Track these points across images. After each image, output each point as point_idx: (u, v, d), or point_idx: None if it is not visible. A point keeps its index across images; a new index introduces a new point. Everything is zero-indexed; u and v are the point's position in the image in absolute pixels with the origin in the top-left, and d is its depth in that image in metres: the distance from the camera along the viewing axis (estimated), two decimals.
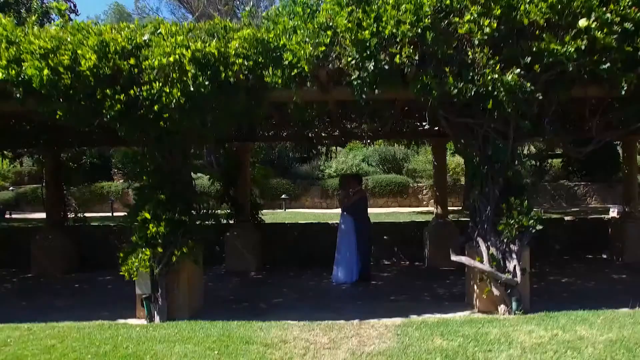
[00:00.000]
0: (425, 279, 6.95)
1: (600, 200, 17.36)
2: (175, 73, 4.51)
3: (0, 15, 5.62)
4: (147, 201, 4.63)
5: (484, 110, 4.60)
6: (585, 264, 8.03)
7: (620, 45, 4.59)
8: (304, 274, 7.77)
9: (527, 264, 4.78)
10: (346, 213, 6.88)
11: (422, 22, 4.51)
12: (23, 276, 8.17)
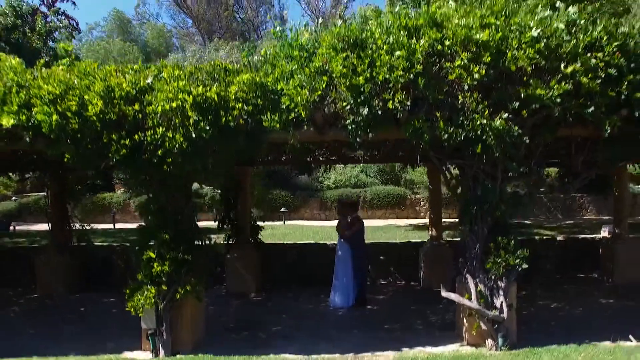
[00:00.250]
0: (419, 303, 7.14)
1: (595, 212, 17.58)
2: (178, 118, 4.71)
3: (10, 57, 5.86)
4: (151, 240, 4.83)
5: (474, 153, 4.81)
6: (576, 286, 8.22)
7: (604, 90, 4.78)
8: (302, 294, 7.96)
9: (513, 299, 4.97)
10: (343, 240, 7.08)
11: (414, 68, 4.70)
12: (29, 297, 8.37)
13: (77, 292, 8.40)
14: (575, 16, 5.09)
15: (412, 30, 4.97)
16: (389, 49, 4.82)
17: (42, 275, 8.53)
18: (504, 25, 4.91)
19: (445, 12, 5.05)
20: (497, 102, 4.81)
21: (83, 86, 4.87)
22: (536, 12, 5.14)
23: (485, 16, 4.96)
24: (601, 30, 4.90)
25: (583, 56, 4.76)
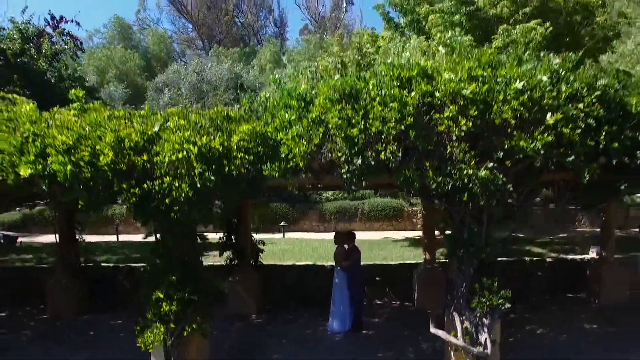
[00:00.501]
0: (412, 328, 7.45)
1: (589, 224, 17.89)
2: (184, 168, 5.01)
3: (24, 101, 6.17)
4: (160, 280, 5.15)
5: (460, 199, 5.12)
6: (564, 307, 8.53)
7: (583, 140, 5.08)
8: (302, 317, 8.30)
9: (497, 335, 5.28)
10: (340, 269, 7.40)
11: (405, 120, 5.00)
12: (39, 317, 8.69)
13: (85, 313, 8.72)
14: (557, 67, 5.43)
15: (404, 81, 5.28)
16: (381, 101, 5.13)
17: (51, 297, 8.84)
18: (491, 77, 5.21)
19: (436, 66, 5.37)
20: (483, 152, 5.12)
21: (95, 136, 5.17)
22: (523, 62, 5.48)
23: (473, 68, 5.28)
24: (582, 82, 5.23)
25: (564, 107, 5.07)
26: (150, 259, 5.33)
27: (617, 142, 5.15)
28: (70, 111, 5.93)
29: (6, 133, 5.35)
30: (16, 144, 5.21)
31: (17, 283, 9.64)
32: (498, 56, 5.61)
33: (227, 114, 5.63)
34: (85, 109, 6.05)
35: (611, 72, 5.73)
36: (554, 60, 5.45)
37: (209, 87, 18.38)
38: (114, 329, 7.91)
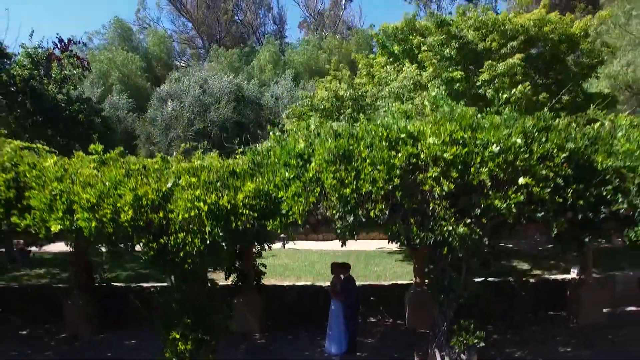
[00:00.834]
0: (402, 349, 8.11)
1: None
2: (196, 225, 5.64)
3: (47, 152, 6.77)
4: (175, 322, 5.80)
5: (442, 251, 5.74)
6: (544, 327, 9.19)
7: (552, 197, 5.69)
8: (302, 335, 8.98)
9: None
10: (336, 298, 8.05)
11: (392, 181, 5.62)
12: (58, 337, 9.36)
13: (100, 331, 9.38)
14: (530, 128, 6.03)
15: (392, 142, 5.89)
16: (371, 161, 5.73)
17: (69, 317, 9.50)
18: (471, 140, 5.81)
19: (421, 128, 5.96)
20: (462, 209, 5.73)
21: (115, 195, 5.79)
22: (500, 125, 6.06)
23: (454, 131, 5.87)
24: (552, 143, 5.83)
25: (536, 167, 5.67)
26: (166, 303, 5.97)
27: (583, 199, 5.77)
28: (91, 164, 6.55)
29: (36, 190, 5.96)
30: (46, 201, 5.82)
31: (34, 302, 10.30)
32: (478, 117, 6.23)
33: (233, 170, 6.23)
34: (104, 161, 6.66)
35: (581, 130, 6.29)
36: (528, 123, 6.05)
37: (211, 100, 18.86)
38: (130, 348, 8.58)
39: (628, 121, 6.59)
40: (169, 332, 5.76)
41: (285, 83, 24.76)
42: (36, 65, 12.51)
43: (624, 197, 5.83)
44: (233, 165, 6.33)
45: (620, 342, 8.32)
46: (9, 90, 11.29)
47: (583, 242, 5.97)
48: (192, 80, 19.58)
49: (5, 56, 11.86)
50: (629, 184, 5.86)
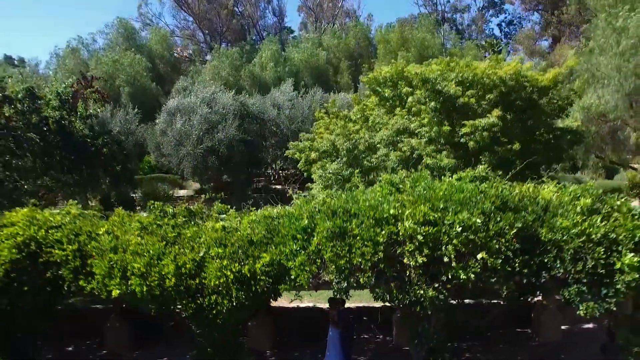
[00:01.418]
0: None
1: None
2: (224, 289, 7.25)
3: (98, 221, 8.33)
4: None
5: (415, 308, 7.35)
6: (510, 345, 10.91)
7: (503, 266, 7.28)
8: (305, 353, 10.69)
9: None
10: (333, 327, 9.71)
11: (377, 254, 7.18)
12: (99, 353, 11.07)
13: (137, 348, 11.09)
14: (489, 208, 7.56)
15: (378, 220, 7.43)
16: (360, 238, 7.30)
17: (108, 337, 11.20)
18: (440, 219, 7.35)
19: (401, 212, 7.49)
20: (432, 276, 7.32)
21: (160, 264, 7.38)
22: (466, 201, 7.59)
23: (427, 213, 7.40)
24: (505, 222, 7.37)
25: (491, 242, 7.24)
26: (202, 345, 7.61)
27: (528, 267, 7.34)
28: (135, 231, 8.11)
29: (97, 260, 7.54)
30: (105, 270, 7.41)
31: (76, 321, 11.97)
32: (449, 194, 7.75)
33: (251, 239, 7.79)
34: (145, 227, 8.22)
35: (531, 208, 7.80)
36: (485, 205, 7.58)
37: (218, 117, 20.22)
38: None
39: (571, 195, 8.10)
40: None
41: (286, 90, 26.04)
42: (63, 102, 13.88)
43: (561, 264, 7.40)
44: (251, 235, 7.87)
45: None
46: (41, 131, 12.74)
47: (527, 299, 7.57)
48: (199, 98, 20.89)
49: (37, 98, 13.23)
50: (564, 253, 7.41)
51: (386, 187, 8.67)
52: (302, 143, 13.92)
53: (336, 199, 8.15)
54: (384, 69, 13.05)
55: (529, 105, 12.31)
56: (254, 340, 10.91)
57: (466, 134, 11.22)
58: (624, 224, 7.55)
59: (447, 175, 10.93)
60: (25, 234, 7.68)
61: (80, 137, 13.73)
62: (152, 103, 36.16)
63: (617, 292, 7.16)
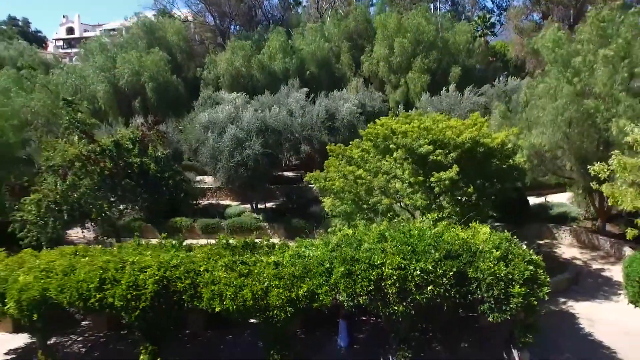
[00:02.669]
0: (380, 344, 15.03)
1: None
2: (281, 307, 12.27)
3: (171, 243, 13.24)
4: (272, 350, 12.65)
5: (392, 321, 12.42)
6: (469, 335, 16.09)
7: (444, 294, 12.30)
8: (327, 333, 15.90)
9: None
10: (341, 321, 14.86)
11: (370, 286, 12.13)
12: (186, 331, 16.29)
13: (208, 330, 16.32)
14: (438, 256, 12.46)
15: (372, 265, 12.35)
16: (361, 278, 12.27)
17: (193, 324, 16.41)
18: (408, 265, 12.26)
19: (383, 261, 12.34)
20: (401, 299, 12.30)
21: (243, 292, 12.33)
22: (426, 249, 12.49)
23: (400, 262, 12.27)
24: (447, 266, 12.30)
25: (437, 279, 12.19)
26: (266, 342, 12.72)
27: (459, 293, 12.31)
28: (221, 269, 13.03)
29: (204, 289, 12.51)
30: (209, 295, 12.39)
31: None
32: (413, 242, 12.59)
33: (294, 275, 12.70)
34: (228, 264, 13.12)
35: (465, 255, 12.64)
36: (436, 255, 12.43)
37: (244, 134, 24.49)
38: (230, 344, 15.54)
39: (491, 245, 12.93)
40: (270, 350, 12.60)
41: (299, 97, 30.07)
42: (134, 143, 18.18)
43: (479, 291, 12.37)
44: (294, 272, 12.76)
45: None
46: (128, 174, 17.18)
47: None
48: (225, 114, 25.13)
49: (122, 147, 17.55)
50: (482, 285, 12.34)
51: (377, 233, 13.50)
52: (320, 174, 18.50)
53: (346, 247, 13.02)
54: (377, 126, 17.50)
55: (485, 157, 16.88)
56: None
57: (435, 182, 15.83)
58: (518, 265, 12.43)
59: (420, 213, 15.77)
60: (159, 274, 12.55)
61: (153, 174, 18.13)
62: (173, 93, 40.16)
63: (511, 309, 12.15)
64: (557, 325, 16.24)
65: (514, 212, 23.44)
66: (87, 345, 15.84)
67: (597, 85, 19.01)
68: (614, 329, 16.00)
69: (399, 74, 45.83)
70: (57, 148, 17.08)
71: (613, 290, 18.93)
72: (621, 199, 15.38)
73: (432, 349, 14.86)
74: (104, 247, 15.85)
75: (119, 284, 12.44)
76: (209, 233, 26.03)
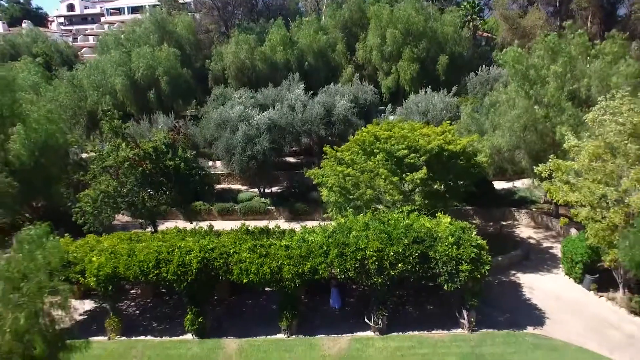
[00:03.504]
0: (366, 306, 19.35)
1: (479, 217, 29.15)
2: (291, 279, 16.46)
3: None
4: (284, 309, 16.96)
5: (373, 286, 16.63)
6: (426, 294, 20.41)
7: (410, 270, 16.51)
8: (324, 298, 20.19)
9: (384, 322, 17.20)
10: (332, 287, 19.08)
11: (357, 264, 16.33)
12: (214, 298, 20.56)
13: (231, 295, 20.58)
14: (407, 242, 16.63)
15: (358, 248, 16.50)
16: (349, 258, 16.45)
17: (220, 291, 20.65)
18: (384, 249, 16.42)
19: (367, 245, 16.49)
20: (380, 272, 16.47)
21: (263, 269, 16.50)
22: (399, 235, 16.66)
23: (378, 247, 16.42)
24: (414, 249, 16.48)
25: (406, 259, 16.38)
26: (280, 301, 16.98)
27: (422, 269, 16.49)
28: (246, 251, 17.20)
29: (234, 267, 16.70)
30: (238, 271, 16.60)
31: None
32: (392, 226, 16.71)
33: (301, 255, 16.86)
34: (251, 248, 17.29)
35: (428, 241, 16.78)
36: (405, 241, 16.54)
37: (254, 131, 28.18)
38: (251, 305, 19.85)
39: (447, 232, 17.03)
40: (283, 311, 16.88)
41: (299, 94, 33.56)
42: (167, 146, 21.85)
43: (437, 267, 16.58)
44: (300, 252, 16.88)
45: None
46: (165, 174, 20.94)
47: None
48: (236, 113, 28.83)
49: (163, 153, 21.18)
50: (439, 263, 16.52)
51: (362, 223, 17.60)
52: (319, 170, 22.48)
53: (341, 235, 17.13)
54: (364, 132, 21.36)
55: (450, 159, 20.81)
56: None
57: (409, 181, 19.79)
58: (467, 249, 16.60)
59: (397, 205, 19.78)
60: (200, 255, 16.64)
61: (183, 172, 21.84)
62: (184, 84, 43.40)
63: (460, 281, 16.42)
64: (505, 292, 20.57)
65: (482, 198, 27.56)
66: (139, 308, 20.11)
67: (546, 96, 22.75)
68: (549, 295, 20.29)
69: (390, 62, 49.20)
70: (106, 151, 20.89)
71: (555, 265, 23.16)
72: (555, 194, 19.41)
73: (405, 309, 19.19)
74: (150, 233, 19.91)
75: (171, 263, 16.56)
76: (223, 215, 30.11)
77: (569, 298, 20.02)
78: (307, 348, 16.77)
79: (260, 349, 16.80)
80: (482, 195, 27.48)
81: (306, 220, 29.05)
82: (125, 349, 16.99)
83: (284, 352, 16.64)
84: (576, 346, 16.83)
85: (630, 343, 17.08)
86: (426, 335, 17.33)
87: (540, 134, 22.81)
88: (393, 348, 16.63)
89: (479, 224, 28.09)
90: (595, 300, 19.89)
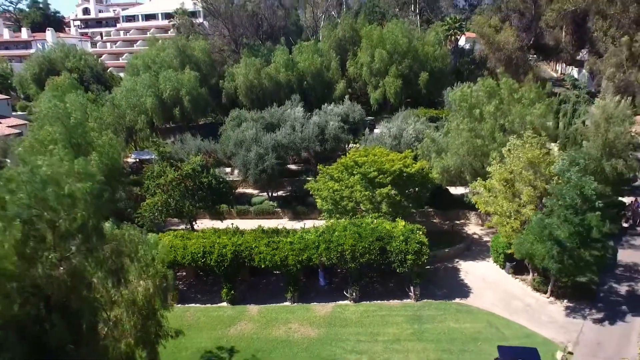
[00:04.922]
0: (345, 285, 26.80)
1: (438, 217, 36.37)
2: (294, 264, 23.96)
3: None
4: (290, 285, 24.55)
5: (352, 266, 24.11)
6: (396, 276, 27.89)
7: (375, 259, 23.98)
8: (315, 279, 27.66)
9: (357, 293, 24.72)
10: (320, 270, 26.50)
11: (338, 254, 23.78)
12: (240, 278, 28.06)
13: (252, 276, 28.07)
14: (373, 240, 24.12)
15: (338, 243, 23.98)
16: (334, 250, 23.93)
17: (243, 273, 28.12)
18: (356, 244, 23.87)
19: (345, 242, 23.88)
20: (353, 260, 23.88)
21: (276, 257, 24.00)
22: (370, 233, 24.16)
23: (352, 243, 23.88)
24: (381, 243, 23.97)
25: (370, 252, 23.86)
26: (286, 279, 24.50)
27: (382, 259, 23.91)
28: (263, 245, 24.75)
29: (256, 256, 24.25)
30: (259, 258, 24.17)
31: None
32: (363, 227, 24.15)
33: (300, 248, 24.33)
34: (267, 243, 24.90)
35: (386, 239, 24.20)
36: (371, 239, 23.95)
37: (264, 150, 35.44)
38: (265, 283, 27.38)
39: (400, 233, 24.43)
40: (288, 287, 24.42)
41: (298, 111, 41.01)
42: (202, 167, 29.00)
43: (393, 257, 24.03)
44: (300, 246, 24.35)
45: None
46: (200, 188, 28.26)
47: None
48: (250, 134, 36.19)
49: (199, 172, 28.35)
50: (393, 253, 23.96)
51: (343, 226, 25.08)
52: (315, 184, 29.90)
53: (327, 234, 24.63)
54: (347, 158, 28.69)
55: (408, 178, 28.17)
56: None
57: (377, 194, 27.27)
58: (412, 244, 24.08)
59: (369, 212, 27.24)
60: (233, 249, 24.06)
61: (214, 186, 28.98)
62: (203, 102, 50.57)
63: (407, 266, 23.97)
64: (447, 275, 28.03)
65: (440, 201, 35.03)
66: (186, 285, 27.66)
67: (484, 130, 30.00)
68: (478, 277, 27.74)
69: (378, 77, 56.52)
70: (156, 172, 28.30)
71: (488, 255, 30.55)
72: (479, 205, 26.83)
73: (372, 285, 26.80)
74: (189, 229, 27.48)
75: (212, 254, 24.07)
76: (241, 215, 37.54)
77: (492, 279, 27.48)
78: (305, 311, 24.32)
79: (272, 311, 24.38)
80: (440, 199, 34.93)
81: (305, 219, 36.28)
82: (182, 312, 24.52)
83: (289, 313, 24.19)
84: (487, 311, 24.36)
85: (526, 310, 24.57)
86: (386, 303, 24.88)
87: (479, 158, 30.09)
88: (362, 311, 24.19)
89: (437, 223, 35.55)
90: (511, 280, 27.32)
